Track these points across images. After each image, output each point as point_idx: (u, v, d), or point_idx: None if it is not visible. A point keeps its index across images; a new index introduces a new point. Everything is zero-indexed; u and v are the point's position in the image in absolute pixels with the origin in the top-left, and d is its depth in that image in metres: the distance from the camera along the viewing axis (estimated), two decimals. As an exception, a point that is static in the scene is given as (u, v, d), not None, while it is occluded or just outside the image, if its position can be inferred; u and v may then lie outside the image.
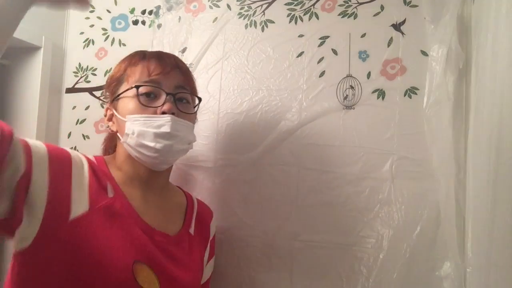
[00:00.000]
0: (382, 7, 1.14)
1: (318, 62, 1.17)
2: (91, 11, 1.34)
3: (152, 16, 1.32)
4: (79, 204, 0.70)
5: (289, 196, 1.15)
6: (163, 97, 0.81)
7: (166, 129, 0.78)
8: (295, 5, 1.21)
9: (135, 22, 1.32)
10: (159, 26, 1.31)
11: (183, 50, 1.28)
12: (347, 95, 1.15)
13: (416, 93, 1.10)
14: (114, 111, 0.85)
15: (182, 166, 1.23)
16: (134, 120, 0.79)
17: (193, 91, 0.91)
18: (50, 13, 1.32)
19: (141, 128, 0.78)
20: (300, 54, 1.19)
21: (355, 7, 1.16)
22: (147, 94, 0.81)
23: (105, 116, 0.90)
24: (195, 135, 0.92)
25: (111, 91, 0.88)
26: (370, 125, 1.12)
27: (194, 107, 0.92)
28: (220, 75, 1.24)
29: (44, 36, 1.25)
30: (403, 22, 1.12)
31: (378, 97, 1.12)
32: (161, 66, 0.83)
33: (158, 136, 0.78)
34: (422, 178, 1.07)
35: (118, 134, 0.85)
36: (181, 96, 0.86)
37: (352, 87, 1.14)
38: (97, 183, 0.76)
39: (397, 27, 1.13)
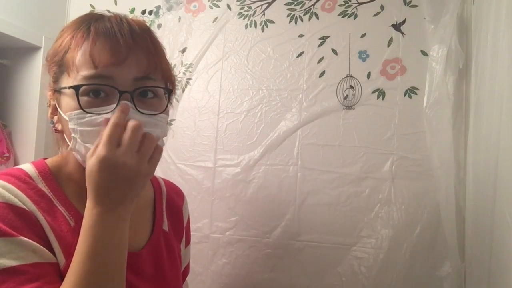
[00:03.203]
0: (382, 7, 1.14)
1: (318, 62, 1.17)
2: (91, 11, 1.34)
3: (152, 16, 1.32)
4: (59, 257, 0.56)
5: (289, 196, 1.15)
6: (116, 97, 0.57)
7: None
8: (295, 5, 1.21)
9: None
10: (159, 26, 1.31)
11: (183, 50, 1.28)
12: (347, 95, 1.15)
13: (416, 93, 1.10)
14: (57, 105, 0.62)
15: (182, 166, 1.23)
16: (77, 118, 0.57)
17: (164, 77, 0.65)
18: (50, 13, 1.32)
19: (89, 128, 0.57)
20: (300, 54, 1.19)
21: (355, 7, 1.16)
22: (93, 93, 0.57)
23: (49, 106, 0.65)
24: (167, 128, 0.68)
25: (52, 75, 0.63)
26: (370, 125, 1.12)
27: (168, 101, 0.65)
28: (220, 75, 1.24)
29: (44, 36, 1.25)
30: (403, 22, 1.12)
31: (378, 97, 1.12)
32: (112, 50, 0.58)
33: None
34: (422, 178, 1.07)
35: (64, 135, 0.62)
36: (144, 89, 0.60)
37: (352, 87, 1.14)
38: (53, 217, 0.58)
39: (397, 27, 1.13)
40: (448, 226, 1.02)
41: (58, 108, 0.62)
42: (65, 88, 0.59)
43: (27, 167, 0.62)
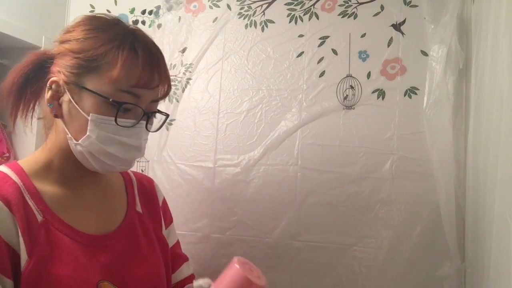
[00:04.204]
0: (382, 7, 1.14)
1: (318, 62, 1.17)
2: (91, 11, 1.34)
3: (152, 16, 1.32)
4: (23, 254, 0.59)
5: (289, 196, 1.15)
6: (139, 115, 0.68)
7: (138, 139, 0.68)
8: (295, 5, 1.21)
9: (135, 22, 1.32)
10: (159, 26, 1.31)
11: (183, 50, 1.28)
12: (347, 95, 1.15)
13: (416, 93, 1.10)
14: (71, 97, 0.65)
15: (182, 166, 1.23)
16: (101, 122, 0.64)
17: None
18: (50, 13, 1.32)
19: (109, 134, 0.65)
20: (300, 54, 1.19)
21: (355, 7, 1.16)
22: (124, 109, 0.66)
23: (50, 88, 0.66)
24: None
25: (74, 66, 0.65)
26: (370, 125, 1.12)
27: (163, 123, 0.81)
28: (220, 75, 1.24)
29: (44, 36, 1.25)
30: (403, 22, 1.12)
31: (378, 97, 1.12)
32: (152, 76, 0.67)
33: (126, 146, 0.67)
34: (422, 178, 1.07)
35: (64, 126, 0.66)
36: (156, 113, 0.73)
37: (352, 87, 1.14)
38: (21, 213, 0.61)
39: (397, 27, 1.13)
40: (448, 226, 1.02)
41: (72, 100, 0.65)
42: (98, 94, 0.64)
43: (0, 167, 0.67)
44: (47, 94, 0.67)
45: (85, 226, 0.68)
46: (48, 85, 0.67)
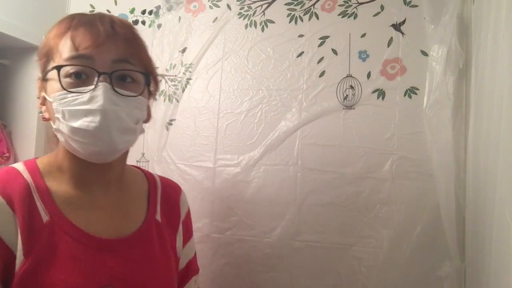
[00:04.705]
0: (382, 7, 1.14)
1: (318, 62, 1.17)
2: (91, 11, 1.34)
3: (152, 16, 1.32)
4: (19, 253, 0.58)
5: (289, 196, 1.15)
6: (95, 78, 0.62)
7: (98, 101, 0.60)
8: (295, 5, 1.21)
9: (135, 22, 1.32)
10: (159, 26, 1.31)
11: (183, 50, 1.28)
12: (347, 95, 1.15)
13: (416, 93, 1.10)
14: (44, 93, 0.66)
15: (182, 166, 1.23)
16: (60, 99, 0.61)
17: (143, 64, 0.69)
18: (50, 13, 1.32)
19: (70, 108, 0.61)
20: (300, 54, 1.19)
21: (355, 7, 1.16)
22: (75, 75, 0.62)
23: (39, 98, 0.69)
24: (146, 114, 0.72)
25: (41, 67, 0.68)
26: (370, 125, 1.12)
27: (147, 86, 0.70)
28: (220, 75, 1.24)
29: (44, 36, 1.25)
30: (403, 22, 1.12)
31: (378, 97, 1.12)
32: (92, 34, 0.63)
33: (90, 113, 0.60)
34: (422, 178, 1.07)
35: (51, 122, 0.66)
36: (123, 73, 0.65)
37: (352, 87, 1.14)
38: (25, 212, 0.60)
39: (397, 27, 1.13)
40: (448, 226, 1.02)
41: (45, 94, 0.66)
42: (49, 71, 0.64)
43: (17, 164, 0.67)
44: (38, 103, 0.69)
45: (95, 229, 0.66)
46: (37, 97, 0.70)
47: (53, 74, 0.63)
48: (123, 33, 0.66)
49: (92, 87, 0.61)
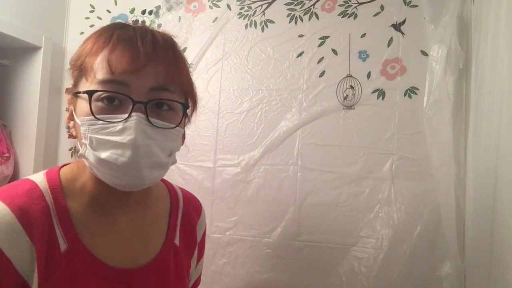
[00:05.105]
0: (382, 7, 1.14)
1: (318, 62, 1.17)
2: (91, 11, 1.34)
3: (152, 16, 1.32)
4: (34, 282, 0.54)
5: (289, 196, 1.15)
6: (130, 106, 0.56)
7: (130, 134, 0.54)
8: (295, 5, 1.21)
9: (135, 22, 1.32)
10: (159, 26, 1.30)
11: (183, 50, 1.27)
12: (347, 95, 1.15)
13: (416, 93, 1.10)
14: (73, 110, 0.61)
15: (182, 166, 1.23)
16: (89, 124, 0.56)
17: (183, 91, 0.63)
18: (50, 13, 1.32)
19: (99, 136, 0.55)
20: (300, 54, 1.19)
21: (355, 7, 1.16)
22: (108, 100, 0.56)
23: (67, 110, 0.63)
24: (181, 142, 0.66)
25: (73, 78, 0.63)
26: (370, 125, 1.12)
27: (183, 115, 0.62)
28: (220, 75, 1.24)
29: (44, 36, 1.25)
30: (403, 22, 1.12)
31: (378, 97, 1.13)
32: (130, 57, 0.56)
33: (120, 146, 0.55)
34: (422, 178, 1.07)
35: (78, 145, 0.61)
36: (160, 101, 0.59)
37: (352, 87, 1.14)
38: (44, 241, 0.56)
39: (397, 27, 1.13)
40: (448, 226, 1.02)
41: (73, 113, 0.60)
42: (80, 92, 0.58)
43: (39, 179, 0.61)
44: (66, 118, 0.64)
45: (112, 258, 0.62)
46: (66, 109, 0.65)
47: (84, 95, 0.57)
48: (164, 54, 0.60)
49: (125, 116, 0.55)
